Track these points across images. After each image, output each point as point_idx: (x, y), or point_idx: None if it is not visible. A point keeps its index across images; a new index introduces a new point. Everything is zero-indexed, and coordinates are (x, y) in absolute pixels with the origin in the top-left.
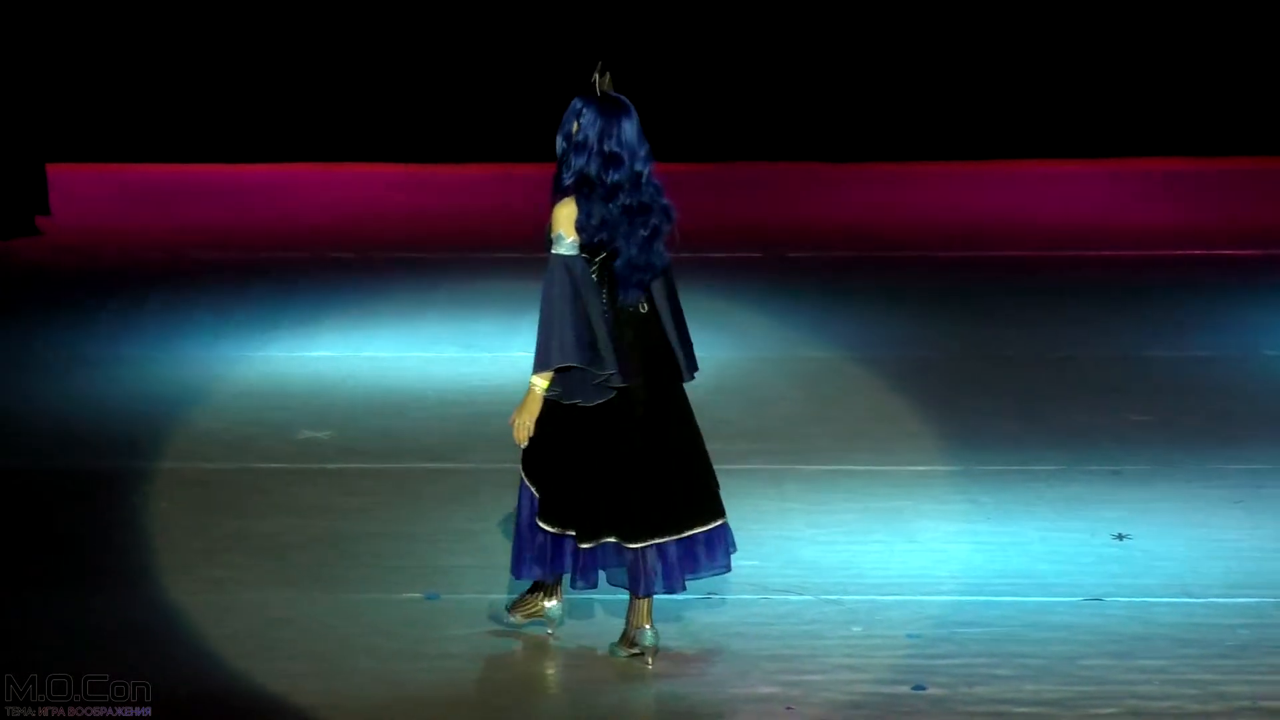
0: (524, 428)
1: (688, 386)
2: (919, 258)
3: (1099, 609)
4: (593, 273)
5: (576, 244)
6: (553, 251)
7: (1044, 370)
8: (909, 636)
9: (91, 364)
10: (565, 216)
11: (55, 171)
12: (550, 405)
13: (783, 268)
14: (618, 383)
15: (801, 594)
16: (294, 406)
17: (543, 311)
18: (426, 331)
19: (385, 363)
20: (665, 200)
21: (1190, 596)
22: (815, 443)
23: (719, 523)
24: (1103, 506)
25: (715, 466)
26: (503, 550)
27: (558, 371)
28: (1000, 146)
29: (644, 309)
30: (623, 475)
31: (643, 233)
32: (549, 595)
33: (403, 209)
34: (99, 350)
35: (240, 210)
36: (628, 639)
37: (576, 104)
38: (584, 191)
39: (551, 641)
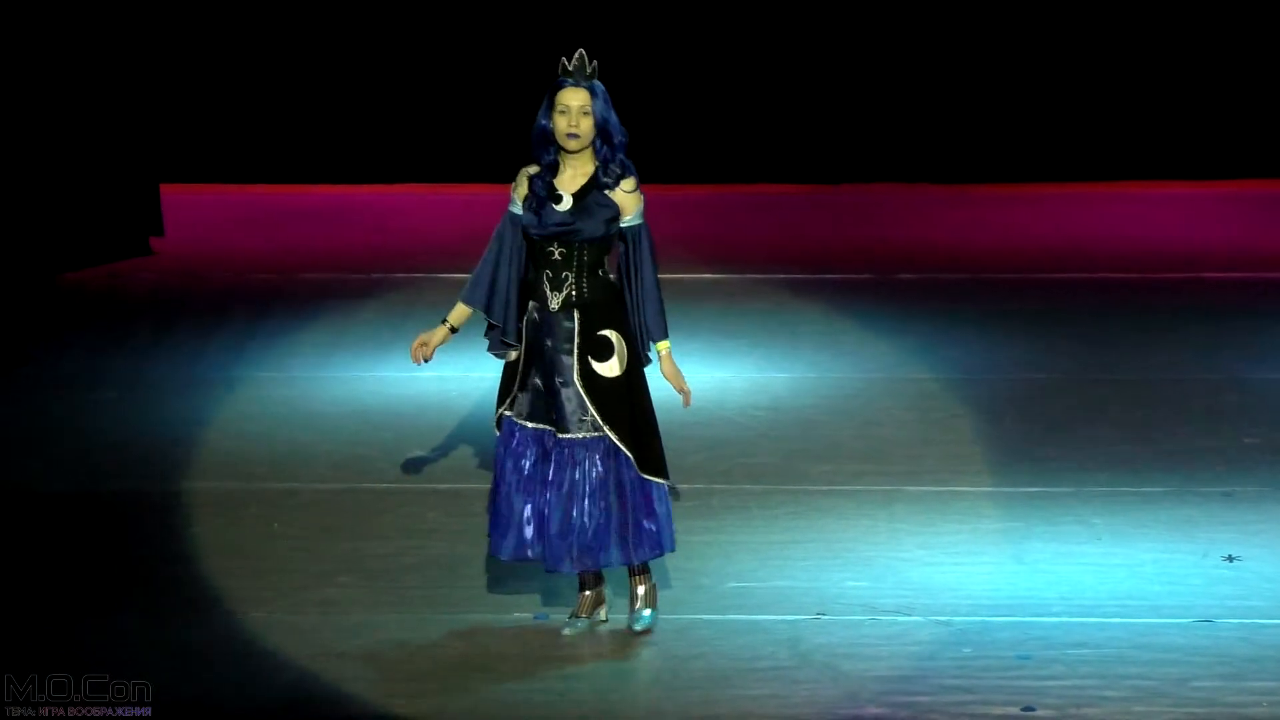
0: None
1: None
2: (1029, 280)
3: (1210, 630)
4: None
5: None
6: (644, 223)
7: (1153, 392)
8: (1018, 658)
9: (204, 385)
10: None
11: (169, 192)
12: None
13: (893, 289)
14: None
15: (911, 615)
16: (405, 427)
17: (657, 278)
18: None
19: (496, 383)
20: None
21: None
22: (926, 464)
23: None
24: (1214, 528)
25: (825, 488)
26: (615, 570)
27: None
28: (1110, 168)
29: None
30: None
31: None
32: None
33: None
34: (211, 371)
35: (352, 232)
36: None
37: (605, 91)
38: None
39: (660, 660)
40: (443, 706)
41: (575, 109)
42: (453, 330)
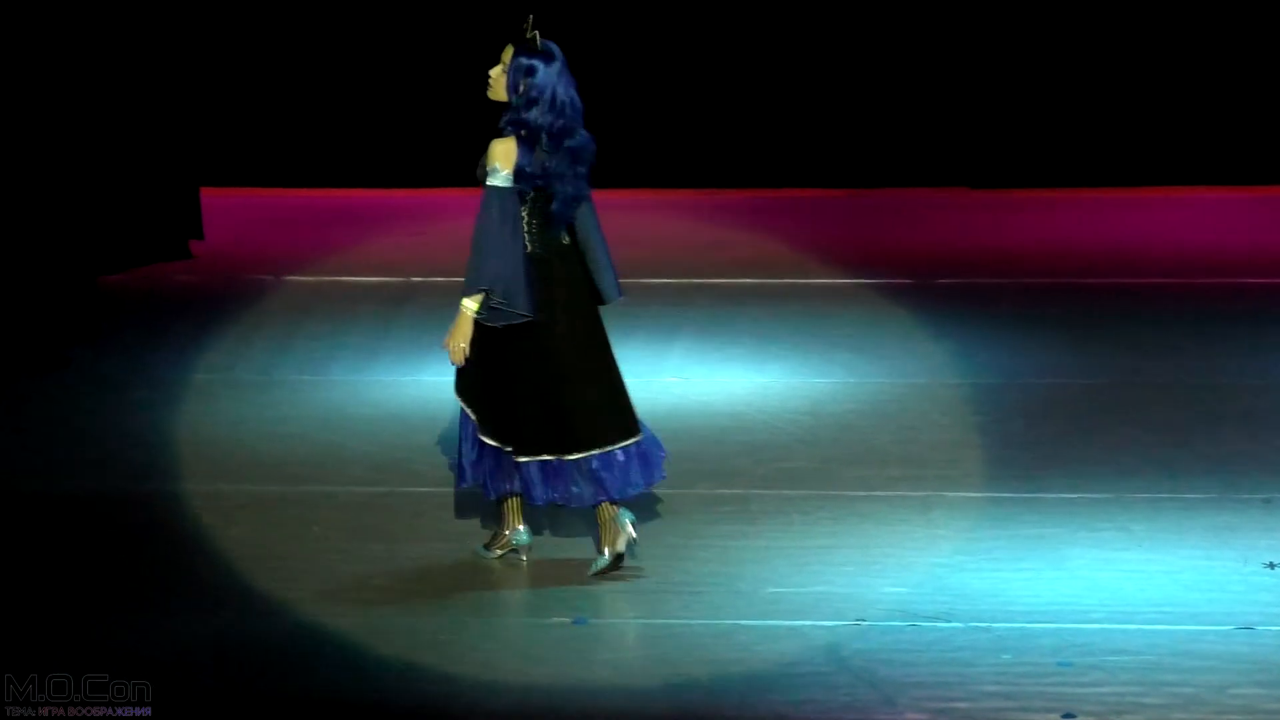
0: (459, 350)
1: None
2: (1067, 284)
3: (1250, 638)
4: (523, 210)
5: (511, 178)
6: (489, 183)
7: (1192, 397)
8: (1058, 664)
9: (243, 388)
10: (504, 153)
11: (209, 195)
12: (480, 328)
13: (931, 294)
14: (528, 316)
15: (950, 621)
16: (444, 431)
17: (477, 237)
18: None
19: None
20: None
21: None
22: (964, 469)
23: (638, 438)
24: (1254, 535)
25: (864, 493)
26: (654, 574)
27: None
28: (1148, 172)
29: (566, 240)
30: (547, 392)
31: (580, 169)
32: (513, 523)
33: None
34: (250, 374)
35: (392, 235)
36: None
37: (522, 62)
38: (531, 141)
39: (698, 664)
40: (478, 708)
41: None
42: None
